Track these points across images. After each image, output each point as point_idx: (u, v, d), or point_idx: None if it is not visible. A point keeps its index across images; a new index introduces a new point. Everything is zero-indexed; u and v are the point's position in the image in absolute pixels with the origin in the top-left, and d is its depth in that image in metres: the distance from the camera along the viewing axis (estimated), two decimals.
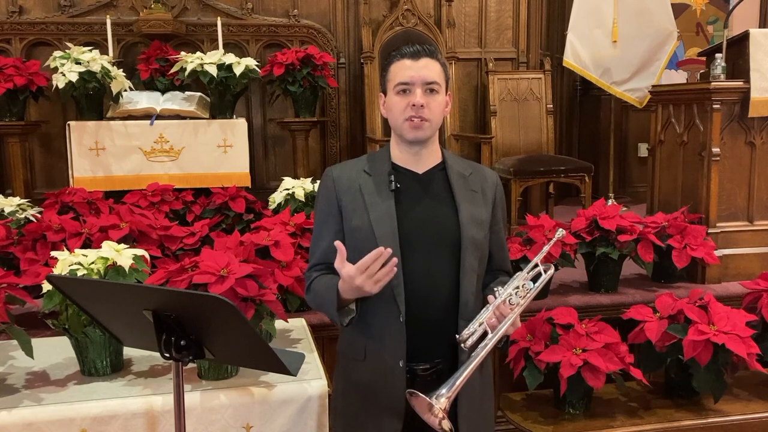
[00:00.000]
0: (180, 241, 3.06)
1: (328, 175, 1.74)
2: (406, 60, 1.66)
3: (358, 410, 1.72)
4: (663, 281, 3.29)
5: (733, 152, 3.39)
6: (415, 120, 1.63)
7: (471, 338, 1.55)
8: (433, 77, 1.64)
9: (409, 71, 1.64)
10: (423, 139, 1.67)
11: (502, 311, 1.57)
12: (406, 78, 1.64)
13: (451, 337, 1.63)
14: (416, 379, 1.64)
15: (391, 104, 1.69)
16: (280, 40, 4.87)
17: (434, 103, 1.65)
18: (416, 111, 1.63)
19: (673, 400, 2.64)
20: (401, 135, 1.68)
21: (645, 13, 4.66)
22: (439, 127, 1.71)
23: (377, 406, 1.66)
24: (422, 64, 1.64)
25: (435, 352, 1.66)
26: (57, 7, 4.62)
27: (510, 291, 1.59)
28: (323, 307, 1.70)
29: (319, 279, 1.71)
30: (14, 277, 2.25)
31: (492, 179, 1.79)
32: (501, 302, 1.57)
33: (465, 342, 1.55)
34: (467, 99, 5.27)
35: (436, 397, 1.46)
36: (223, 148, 4.13)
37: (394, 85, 1.66)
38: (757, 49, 3.25)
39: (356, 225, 1.66)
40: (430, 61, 1.66)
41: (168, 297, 1.40)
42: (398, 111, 1.66)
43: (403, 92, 1.65)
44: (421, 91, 1.63)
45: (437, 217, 1.68)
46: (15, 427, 1.76)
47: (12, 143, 4.14)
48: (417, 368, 1.65)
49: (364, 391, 1.69)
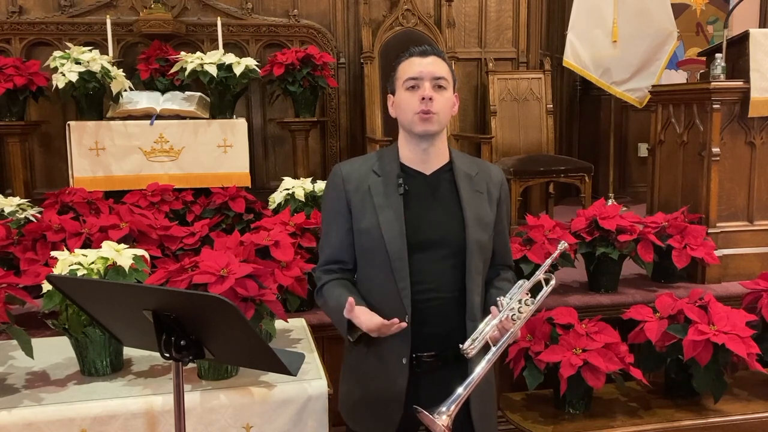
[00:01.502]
0: (180, 241, 3.05)
1: (338, 173, 1.76)
2: (414, 57, 1.71)
3: (360, 397, 1.76)
4: (663, 281, 3.29)
5: (733, 152, 3.39)
6: (425, 114, 1.67)
7: (474, 349, 1.59)
8: (442, 73, 1.70)
9: (417, 66, 1.69)
10: (432, 132, 1.70)
11: (504, 324, 1.61)
12: (415, 73, 1.68)
13: (456, 336, 1.66)
14: (422, 366, 1.68)
15: (400, 101, 1.72)
16: (280, 40, 4.87)
17: (442, 98, 1.69)
18: (426, 105, 1.66)
19: (673, 400, 2.64)
20: (411, 130, 1.71)
21: (645, 13, 4.66)
22: (446, 123, 1.74)
23: (378, 395, 1.70)
24: (430, 60, 1.70)
25: (440, 347, 1.69)
26: (57, 7, 4.62)
27: (513, 305, 1.61)
28: (332, 319, 1.74)
29: (331, 289, 1.73)
30: (14, 277, 2.25)
31: (497, 178, 1.83)
32: (505, 317, 1.60)
33: (468, 353, 1.59)
34: (467, 99, 5.27)
35: (437, 414, 1.49)
36: (223, 148, 4.12)
37: (403, 81, 1.70)
38: (757, 49, 3.25)
39: (365, 227, 1.69)
40: (438, 60, 1.72)
41: (168, 297, 1.40)
42: (408, 106, 1.69)
43: (412, 88, 1.69)
44: (429, 85, 1.67)
45: (444, 220, 1.71)
46: (15, 427, 1.76)
47: (12, 143, 4.14)
48: (422, 356, 1.68)
49: (366, 379, 1.73)
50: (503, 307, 1.62)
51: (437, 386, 1.66)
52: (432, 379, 1.69)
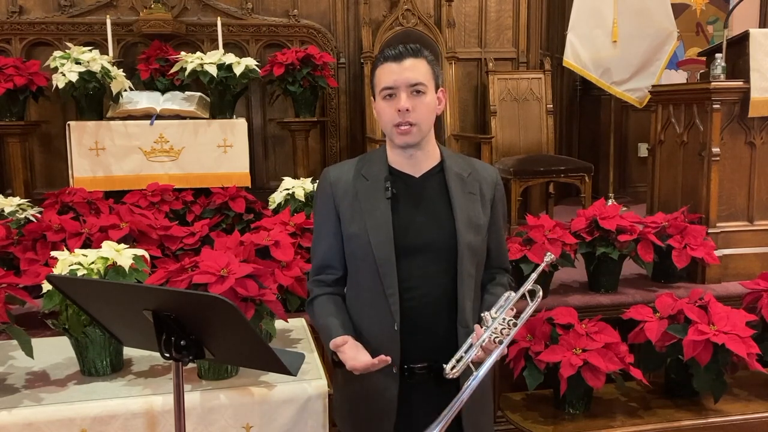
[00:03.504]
0: (180, 241, 3.06)
1: (326, 177, 1.73)
2: (388, 63, 1.61)
3: (352, 408, 1.74)
4: (663, 281, 3.29)
5: (733, 152, 3.39)
6: (402, 127, 1.61)
7: (457, 372, 1.53)
8: (418, 78, 1.60)
9: (392, 75, 1.60)
10: (412, 143, 1.65)
11: (487, 346, 1.54)
12: (389, 82, 1.61)
13: (448, 341, 1.62)
14: (414, 377, 1.64)
15: (379, 110, 1.67)
16: (280, 40, 4.87)
17: (421, 105, 1.61)
18: (402, 117, 1.60)
19: (673, 400, 2.64)
20: (391, 140, 1.67)
21: (645, 13, 4.66)
22: (430, 128, 1.68)
23: (370, 405, 1.67)
24: (406, 65, 1.60)
25: (432, 355, 1.64)
26: (57, 7, 4.62)
27: (497, 325, 1.55)
28: (321, 335, 1.71)
29: (321, 305, 1.71)
30: (14, 277, 2.25)
31: (491, 178, 1.76)
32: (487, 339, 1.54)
33: (452, 376, 1.53)
34: (467, 99, 5.27)
35: None
36: (223, 148, 4.13)
37: (379, 90, 1.64)
38: (757, 49, 3.25)
39: (353, 232, 1.66)
40: (415, 61, 1.61)
41: (168, 297, 1.40)
42: (386, 117, 1.64)
43: (389, 96, 1.62)
44: (405, 95, 1.59)
45: (433, 223, 1.66)
46: (15, 427, 1.76)
47: (12, 143, 4.14)
48: (414, 367, 1.64)
49: (357, 389, 1.69)
50: (489, 322, 1.56)
51: (429, 398, 1.63)
52: (424, 390, 1.65)
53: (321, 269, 1.75)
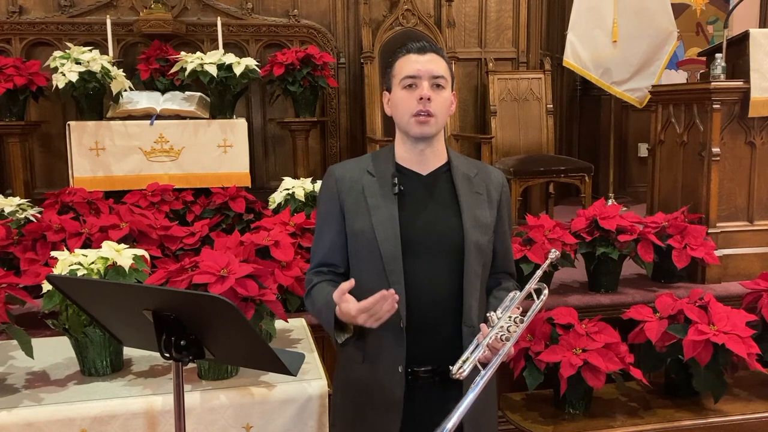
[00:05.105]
0: (180, 241, 3.06)
1: (331, 174, 1.72)
2: (412, 54, 1.64)
3: (356, 410, 1.71)
4: (663, 281, 3.29)
5: (733, 152, 3.39)
6: (422, 116, 1.61)
7: (464, 372, 1.50)
8: (440, 71, 1.63)
9: (415, 64, 1.62)
10: (428, 135, 1.64)
11: (494, 344, 1.52)
12: (412, 71, 1.62)
13: (453, 342, 1.61)
14: (418, 381, 1.63)
15: (396, 100, 1.65)
16: (280, 40, 4.88)
17: (440, 98, 1.63)
18: (423, 105, 1.60)
19: (673, 400, 2.64)
20: (406, 132, 1.65)
21: (645, 13, 4.66)
22: (444, 124, 1.68)
23: (375, 406, 1.65)
24: (428, 58, 1.63)
25: (437, 356, 1.63)
26: (57, 7, 4.62)
27: (503, 323, 1.53)
28: (320, 321, 1.67)
29: (320, 288, 1.68)
30: (14, 277, 2.25)
31: (498, 180, 1.76)
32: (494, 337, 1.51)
33: (458, 376, 1.49)
34: (467, 99, 5.28)
35: None
36: (223, 148, 4.13)
37: (400, 79, 1.64)
38: (757, 49, 3.25)
39: (358, 228, 1.64)
40: (436, 57, 1.65)
41: (168, 297, 1.40)
42: (404, 107, 1.63)
43: (409, 86, 1.62)
44: (428, 84, 1.61)
45: (441, 221, 1.65)
46: (15, 427, 1.76)
47: (12, 143, 4.14)
48: (419, 370, 1.63)
49: (362, 391, 1.67)
50: (494, 322, 1.54)
51: (434, 402, 1.62)
52: (429, 395, 1.63)
53: (321, 266, 1.73)
